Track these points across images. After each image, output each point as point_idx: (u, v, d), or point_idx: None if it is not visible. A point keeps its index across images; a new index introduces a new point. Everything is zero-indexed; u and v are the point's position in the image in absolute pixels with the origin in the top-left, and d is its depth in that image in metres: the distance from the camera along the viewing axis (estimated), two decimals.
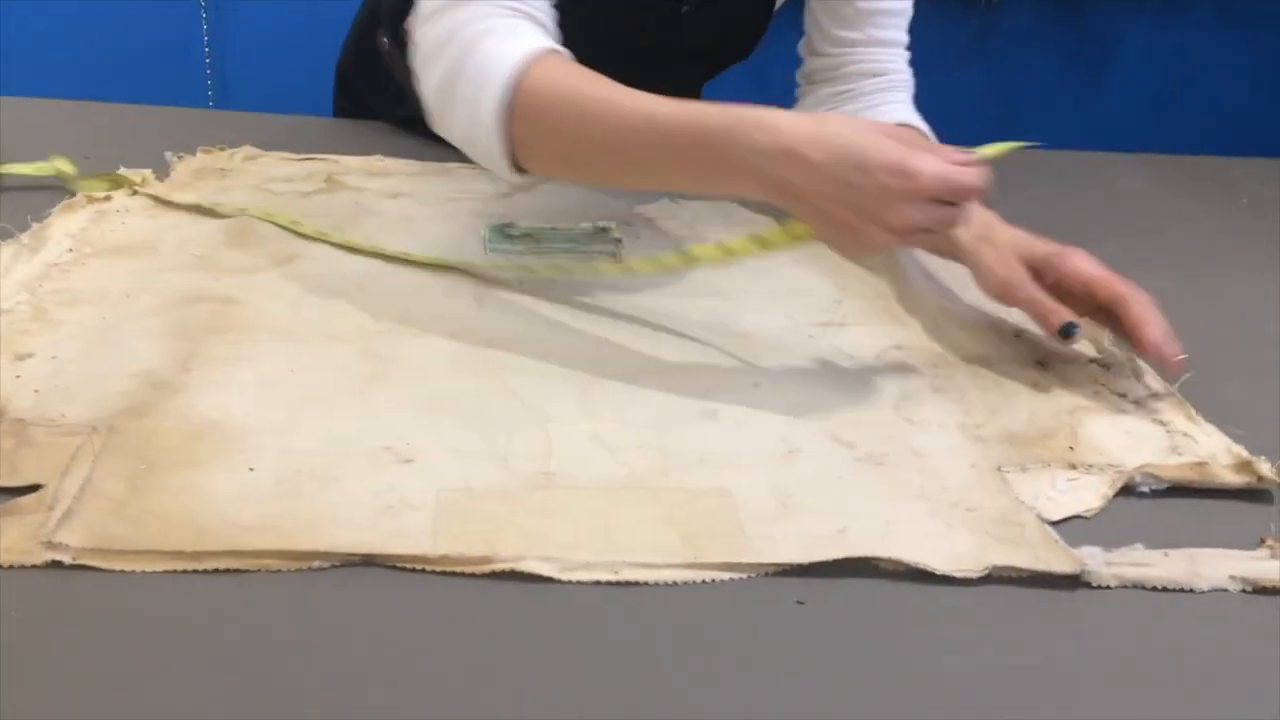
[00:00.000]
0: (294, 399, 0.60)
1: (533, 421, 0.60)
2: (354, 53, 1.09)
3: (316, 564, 0.48)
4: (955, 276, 0.77)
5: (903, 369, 0.68)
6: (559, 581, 0.48)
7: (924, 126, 0.84)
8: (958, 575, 0.49)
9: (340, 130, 1.05)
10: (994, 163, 0.60)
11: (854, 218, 0.57)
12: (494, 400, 0.62)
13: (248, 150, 0.99)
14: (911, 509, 0.54)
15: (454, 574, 0.48)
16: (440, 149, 1.00)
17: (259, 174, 0.94)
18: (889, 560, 0.50)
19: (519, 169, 0.69)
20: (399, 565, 0.48)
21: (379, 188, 0.93)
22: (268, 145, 0.99)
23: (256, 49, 1.75)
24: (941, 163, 0.57)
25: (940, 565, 0.49)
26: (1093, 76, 1.53)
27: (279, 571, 0.48)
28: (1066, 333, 0.66)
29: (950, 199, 0.57)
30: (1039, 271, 0.68)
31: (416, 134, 1.02)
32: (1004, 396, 0.65)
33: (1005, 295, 0.69)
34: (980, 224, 0.71)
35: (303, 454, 0.55)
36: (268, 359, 0.64)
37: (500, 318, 0.72)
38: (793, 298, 0.77)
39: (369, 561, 0.48)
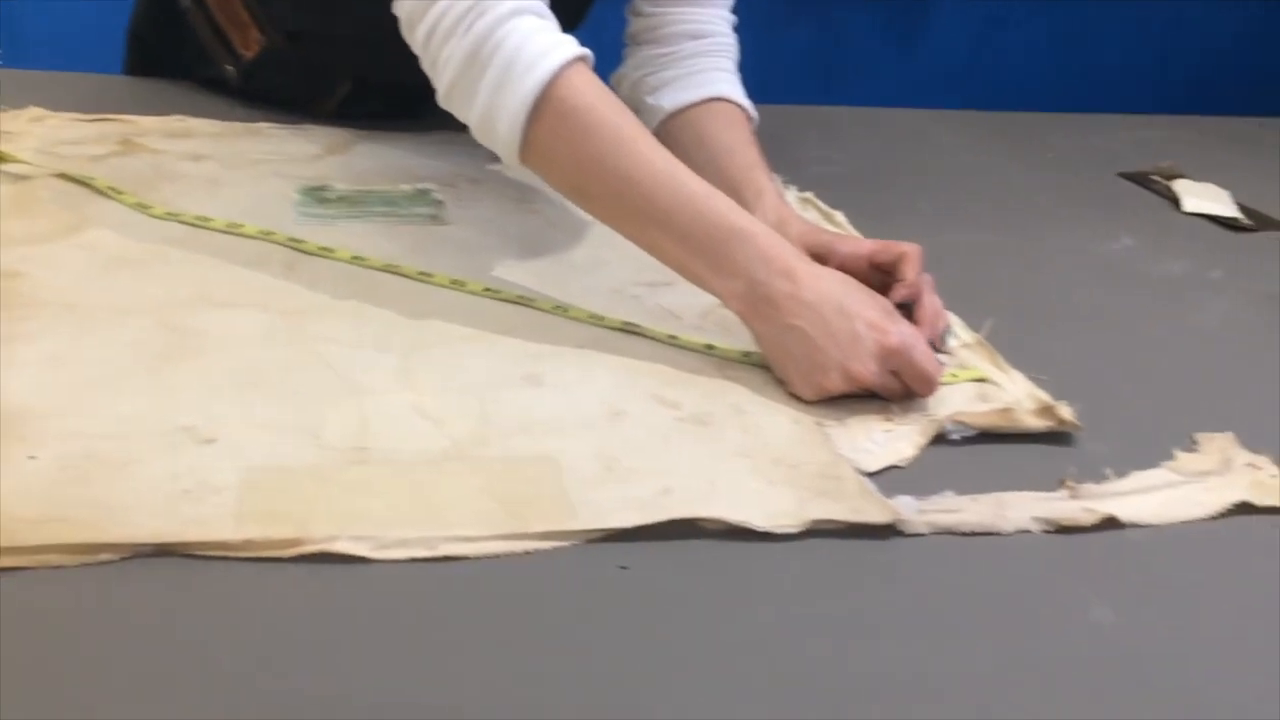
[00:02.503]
0: (81, 379, 0.56)
1: (347, 393, 0.57)
2: (150, 12, 1.02)
3: (105, 557, 0.45)
4: None
5: (727, 327, 0.68)
6: (374, 561, 0.46)
7: (746, 103, 0.84)
8: (778, 531, 0.50)
9: (136, 90, 0.98)
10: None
11: (820, 355, 0.60)
12: (305, 372, 0.59)
13: (34, 111, 0.91)
14: (734, 467, 0.54)
15: (261, 559, 0.46)
16: (247, 109, 0.95)
17: (46, 137, 0.87)
18: (711, 520, 0.50)
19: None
20: (199, 554, 0.45)
21: (180, 150, 0.87)
22: (56, 105, 0.92)
23: (43, 2, 1.62)
24: (915, 335, 0.61)
25: (760, 522, 0.50)
26: (909, 35, 1.57)
27: (63, 568, 0.44)
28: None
29: (905, 373, 0.60)
30: (822, 258, 0.69)
31: (221, 94, 0.96)
32: None
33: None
34: (774, 217, 0.72)
35: (90, 438, 0.51)
36: (51, 336, 0.59)
37: (313, 285, 0.68)
38: (620, 258, 0.76)
39: (165, 551, 0.45)
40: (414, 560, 0.47)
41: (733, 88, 0.85)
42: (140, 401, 0.54)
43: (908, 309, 0.65)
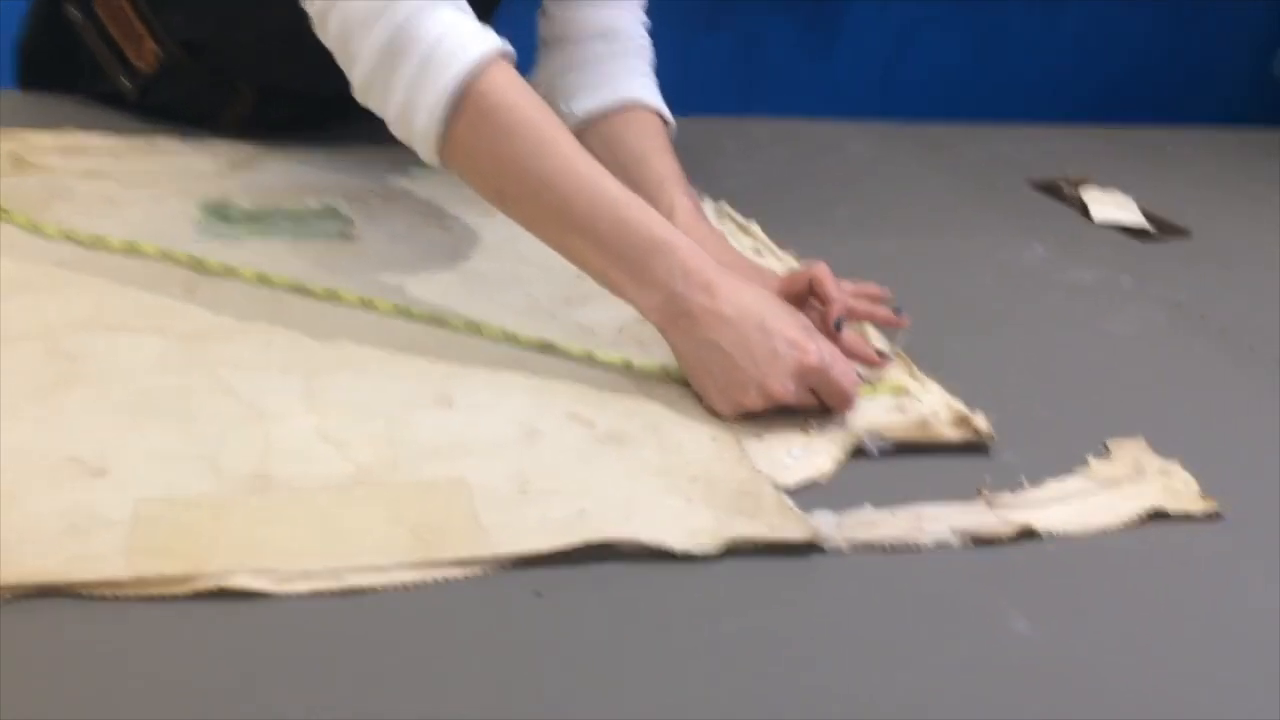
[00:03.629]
0: None
1: (248, 419, 0.55)
2: (39, 26, 0.98)
3: None
4: None
5: (644, 343, 0.67)
6: (276, 596, 0.44)
7: (661, 108, 0.83)
8: (696, 551, 0.49)
9: (28, 104, 0.94)
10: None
11: (738, 373, 0.59)
12: (205, 398, 0.57)
13: None
14: (651, 486, 0.53)
15: (154, 598, 0.43)
16: (146, 123, 0.92)
17: None
18: (628, 542, 0.49)
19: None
20: (87, 594, 0.43)
21: (75, 167, 0.83)
22: None
23: None
24: (834, 353, 0.60)
25: (678, 543, 0.49)
26: (824, 44, 1.59)
27: None
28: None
29: (823, 391, 0.59)
30: None
31: (118, 108, 0.93)
32: None
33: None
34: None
35: None
36: None
37: (215, 307, 0.66)
38: (533, 275, 0.75)
39: (50, 592, 0.43)
40: (318, 593, 0.45)
41: (647, 92, 0.84)
42: (26, 432, 0.52)
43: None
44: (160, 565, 0.44)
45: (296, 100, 0.94)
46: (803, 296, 0.67)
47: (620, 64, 0.84)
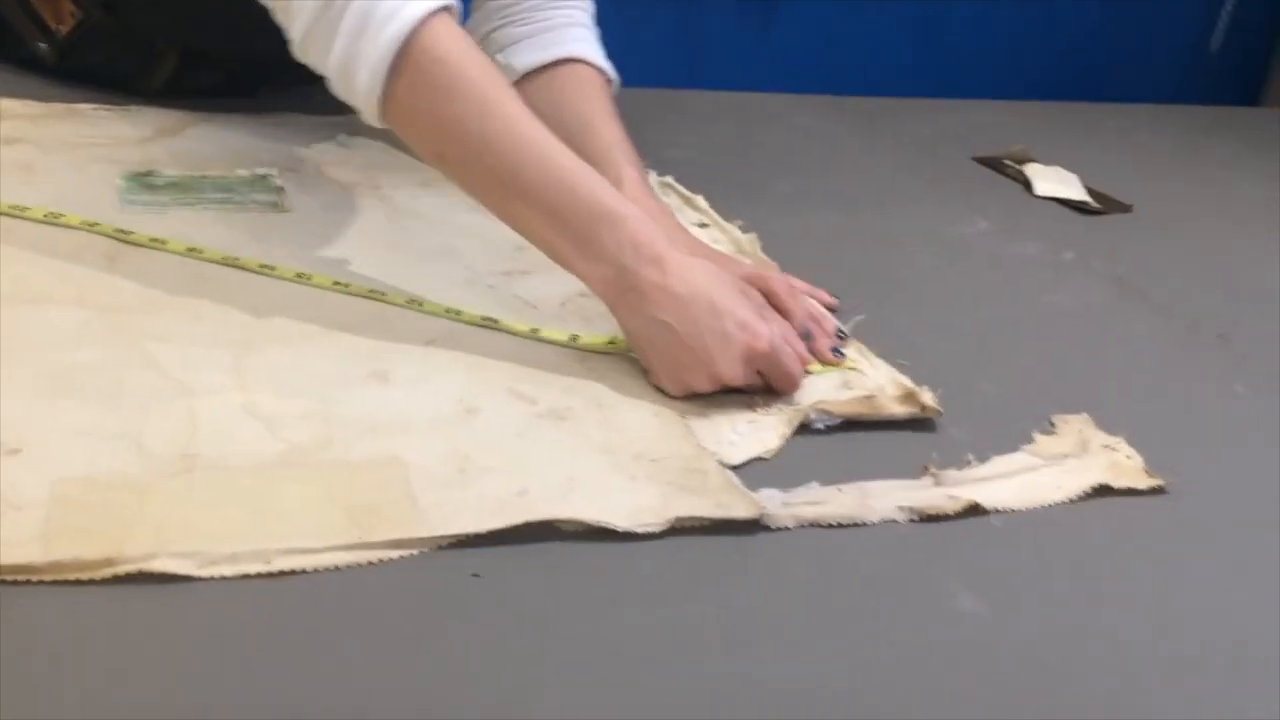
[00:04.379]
0: None
1: (174, 394, 0.53)
2: None
3: None
4: None
5: (587, 316, 0.65)
6: (200, 579, 0.42)
7: (604, 64, 0.81)
8: (640, 530, 0.48)
9: None
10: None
11: (687, 355, 0.57)
12: (128, 372, 0.54)
13: None
14: (594, 464, 0.52)
15: (72, 583, 0.41)
16: (66, 90, 0.88)
17: None
18: (570, 521, 0.47)
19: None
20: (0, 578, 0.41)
21: None
22: None
23: None
24: (784, 335, 0.59)
25: (621, 522, 0.48)
26: (766, 18, 1.58)
27: None
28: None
29: (771, 375, 0.58)
30: None
31: (37, 74, 0.89)
32: None
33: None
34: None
35: None
36: None
37: (140, 279, 0.63)
38: (472, 247, 0.73)
39: None
40: (246, 577, 0.43)
41: (590, 47, 0.80)
42: None
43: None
44: (77, 549, 0.42)
45: (222, 65, 0.90)
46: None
47: (561, 15, 0.80)
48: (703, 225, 0.80)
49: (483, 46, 0.81)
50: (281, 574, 0.43)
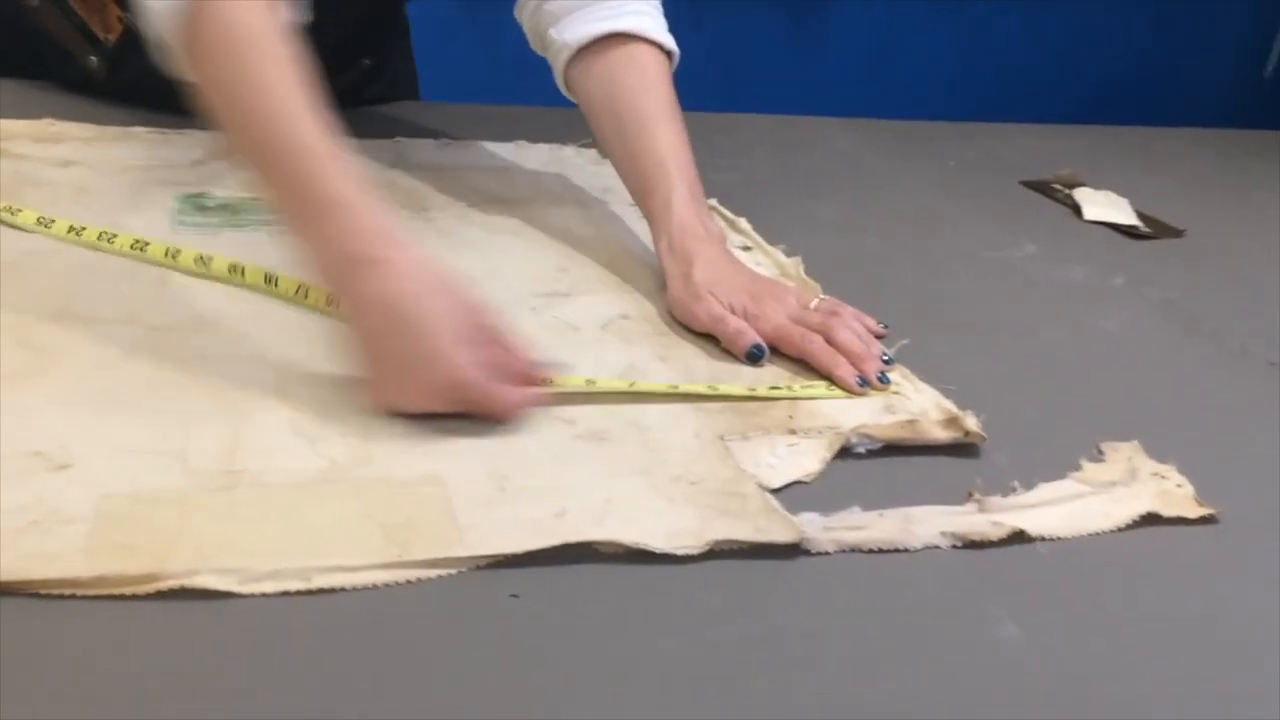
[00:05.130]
0: None
1: (218, 413, 0.53)
2: None
3: None
4: None
5: (629, 339, 0.66)
6: (242, 596, 0.43)
7: (666, 39, 0.76)
8: (678, 553, 0.47)
9: (1, 91, 0.92)
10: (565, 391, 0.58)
11: (373, 372, 0.54)
12: (173, 391, 0.55)
13: None
14: (633, 485, 0.52)
15: (115, 597, 0.42)
16: (122, 112, 0.90)
17: None
18: (608, 542, 0.47)
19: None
20: (46, 592, 0.41)
21: (48, 155, 0.81)
22: None
23: None
24: (497, 365, 0.54)
25: (660, 543, 0.47)
26: (809, 42, 1.58)
27: None
28: (753, 357, 0.63)
29: (475, 409, 0.54)
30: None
31: (90, 96, 0.91)
32: (727, 366, 0.64)
33: (687, 317, 0.66)
34: (678, 237, 0.69)
35: None
36: None
37: (188, 298, 0.64)
38: (514, 270, 0.73)
39: (7, 590, 0.41)
40: (286, 594, 0.43)
41: (648, 19, 0.75)
42: None
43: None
44: (122, 564, 0.42)
45: None
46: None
47: None
48: (746, 248, 0.80)
49: (536, 19, 0.78)
50: (320, 591, 0.44)
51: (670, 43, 0.77)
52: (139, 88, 0.90)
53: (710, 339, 0.66)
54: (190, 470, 0.49)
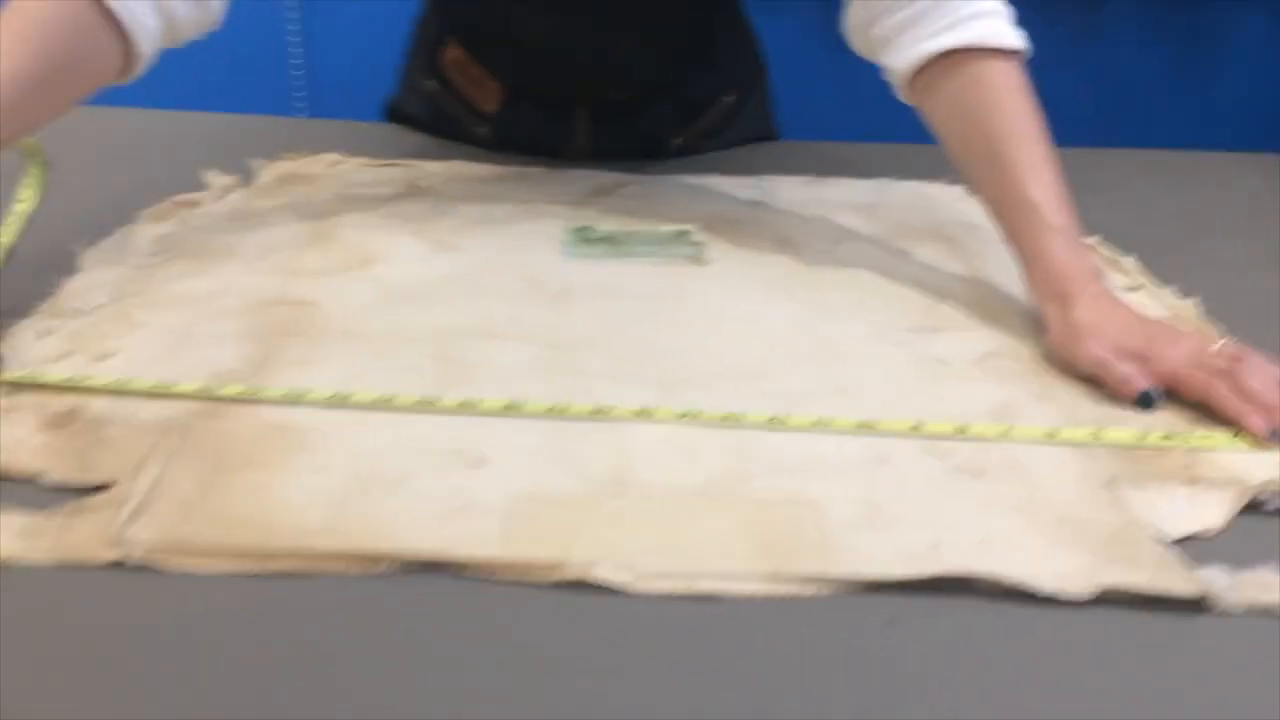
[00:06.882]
0: (363, 402, 0.58)
1: (608, 426, 0.58)
2: (403, 97, 1.09)
3: (382, 567, 0.46)
4: None
5: (1003, 376, 0.64)
6: (631, 593, 0.46)
7: (1013, 42, 0.70)
8: (1064, 596, 0.45)
9: (424, 143, 1.05)
10: None
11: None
12: (569, 403, 0.60)
13: (331, 156, 0.99)
14: (1012, 524, 0.50)
15: (521, 582, 0.46)
16: (522, 160, 0.99)
17: (342, 180, 0.94)
18: (988, 578, 0.46)
19: None
20: (465, 572, 0.46)
21: (458, 192, 0.92)
22: (351, 151, 0.99)
23: (349, 55, 1.77)
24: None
25: (1046, 585, 0.46)
26: (1200, 75, 1.46)
27: (344, 574, 0.46)
28: (1144, 402, 0.60)
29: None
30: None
31: (499, 151, 1.01)
32: (1115, 409, 0.61)
33: (1069, 360, 0.64)
34: (1059, 296, 0.66)
35: (371, 456, 0.53)
36: (340, 361, 0.63)
37: (578, 321, 0.70)
38: (884, 303, 0.73)
39: (435, 566, 0.47)
40: (670, 596, 0.46)
41: (989, 22, 0.68)
42: (416, 425, 0.57)
43: None
44: (531, 552, 0.47)
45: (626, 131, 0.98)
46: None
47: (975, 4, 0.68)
48: (1133, 290, 0.76)
49: (870, 50, 0.75)
50: (702, 597, 0.46)
51: (1016, 40, 0.70)
52: (521, 147, 1.00)
53: (1094, 382, 0.63)
54: (585, 476, 0.53)
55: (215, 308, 0.69)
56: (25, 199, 0.72)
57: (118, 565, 0.46)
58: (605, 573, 0.46)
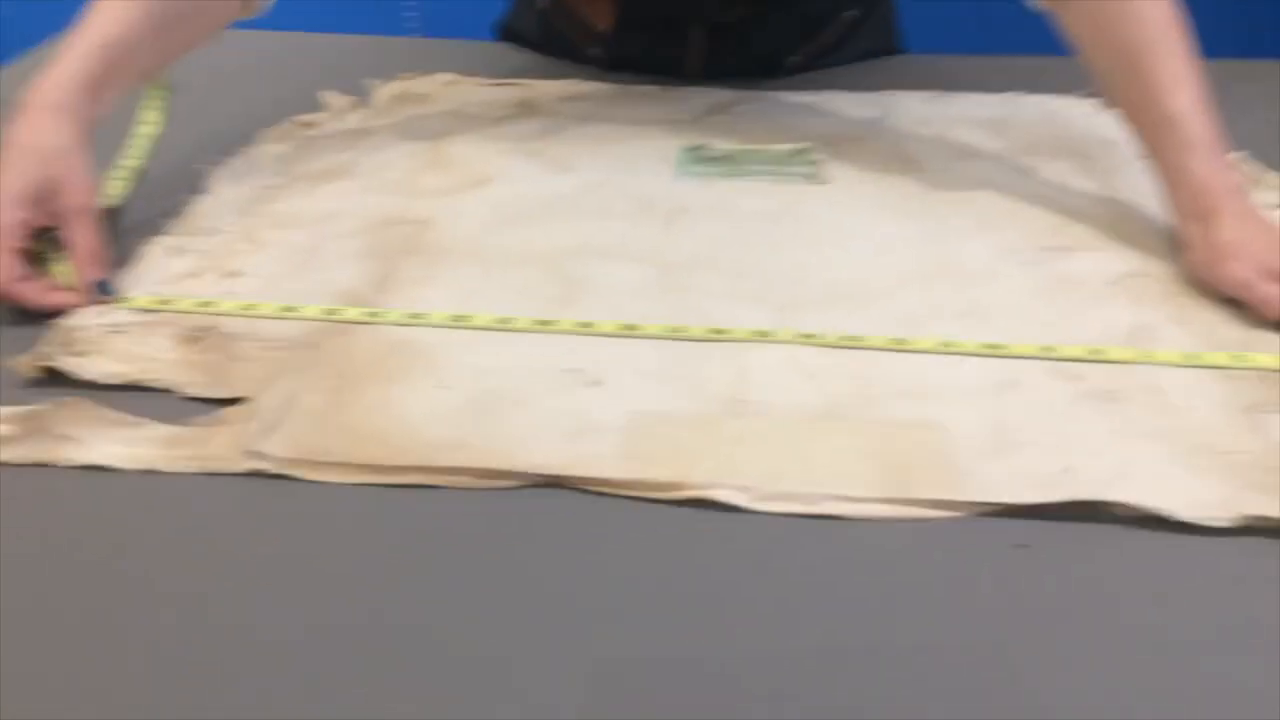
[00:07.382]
0: (483, 323, 0.59)
1: (725, 344, 0.57)
2: (514, 17, 1.07)
3: (505, 483, 0.47)
4: None
5: (1138, 298, 0.61)
6: (750, 511, 0.46)
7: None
8: (1204, 524, 0.44)
9: (539, 63, 1.04)
10: None
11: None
12: (684, 323, 0.59)
13: (446, 76, 0.99)
14: (1148, 450, 0.48)
15: (642, 499, 0.46)
16: (635, 80, 0.97)
17: (457, 99, 0.94)
18: (1122, 505, 0.45)
19: None
20: (586, 488, 0.47)
21: (571, 111, 0.91)
22: (466, 71, 0.99)
23: None
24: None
25: (1184, 512, 0.44)
26: None
27: (468, 489, 0.47)
28: None
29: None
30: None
31: (611, 71, 0.99)
32: (1257, 332, 0.58)
33: (1211, 281, 0.61)
34: (1201, 214, 0.63)
35: (492, 374, 0.54)
36: (456, 280, 0.63)
37: (692, 240, 0.69)
38: (1012, 223, 0.71)
39: (556, 483, 0.47)
40: (790, 515, 0.45)
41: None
42: (534, 344, 0.57)
43: None
44: (650, 471, 0.47)
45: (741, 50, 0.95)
46: None
47: None
48: (1278, 208, 0.71)
49: None
50: (823, 517, 0.45)
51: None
52: (634, 67, 0.98)
53: (1236, 304, 0.60)
54: (703, 396, 0.53)
55: (336, 227, 0.70)
56: (151, 121, 0.74)
57: (255, 474, 0.48)
58: (725, 494, 0.46)
